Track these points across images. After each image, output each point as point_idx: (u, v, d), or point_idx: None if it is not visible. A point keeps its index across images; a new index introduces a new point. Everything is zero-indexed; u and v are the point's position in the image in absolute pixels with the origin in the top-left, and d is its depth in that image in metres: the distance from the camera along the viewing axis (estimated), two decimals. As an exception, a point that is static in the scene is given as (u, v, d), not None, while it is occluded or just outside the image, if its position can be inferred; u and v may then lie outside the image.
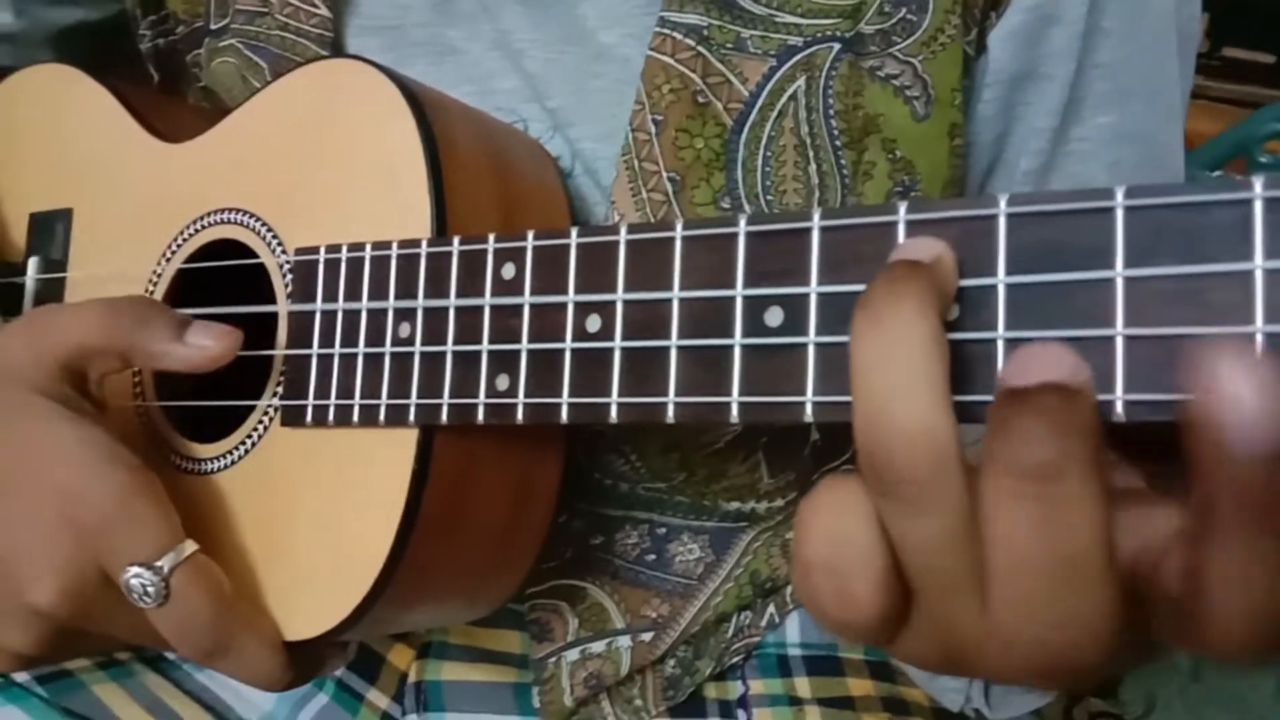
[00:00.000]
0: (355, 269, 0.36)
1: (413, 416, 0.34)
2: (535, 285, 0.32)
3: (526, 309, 0.32)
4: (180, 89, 0.53)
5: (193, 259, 0.43)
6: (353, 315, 0.36)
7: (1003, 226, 0.24)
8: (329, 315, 0.37)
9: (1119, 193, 0.23)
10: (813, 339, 0.26)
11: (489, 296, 0.33)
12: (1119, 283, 0.23)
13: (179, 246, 0.43)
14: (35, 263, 0.48)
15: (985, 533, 0.21)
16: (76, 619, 0.35)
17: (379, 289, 0.36)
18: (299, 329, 0.38)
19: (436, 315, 0.34)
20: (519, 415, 0.32)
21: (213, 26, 0.48)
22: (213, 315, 0.38)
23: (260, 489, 0.39)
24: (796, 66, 0.39)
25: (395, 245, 0.35)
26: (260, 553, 0.38)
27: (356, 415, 0.36)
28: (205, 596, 0.35)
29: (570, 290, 0.31)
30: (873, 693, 0.48)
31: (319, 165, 0.39)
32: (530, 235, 0.32)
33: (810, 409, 0.26)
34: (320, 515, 0.37)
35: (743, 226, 0.28)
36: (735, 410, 0.28)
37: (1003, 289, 0.24)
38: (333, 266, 0.37)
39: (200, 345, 0.36)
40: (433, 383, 0.34)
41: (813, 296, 0.27)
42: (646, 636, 0.46)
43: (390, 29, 0.45)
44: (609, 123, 0.41)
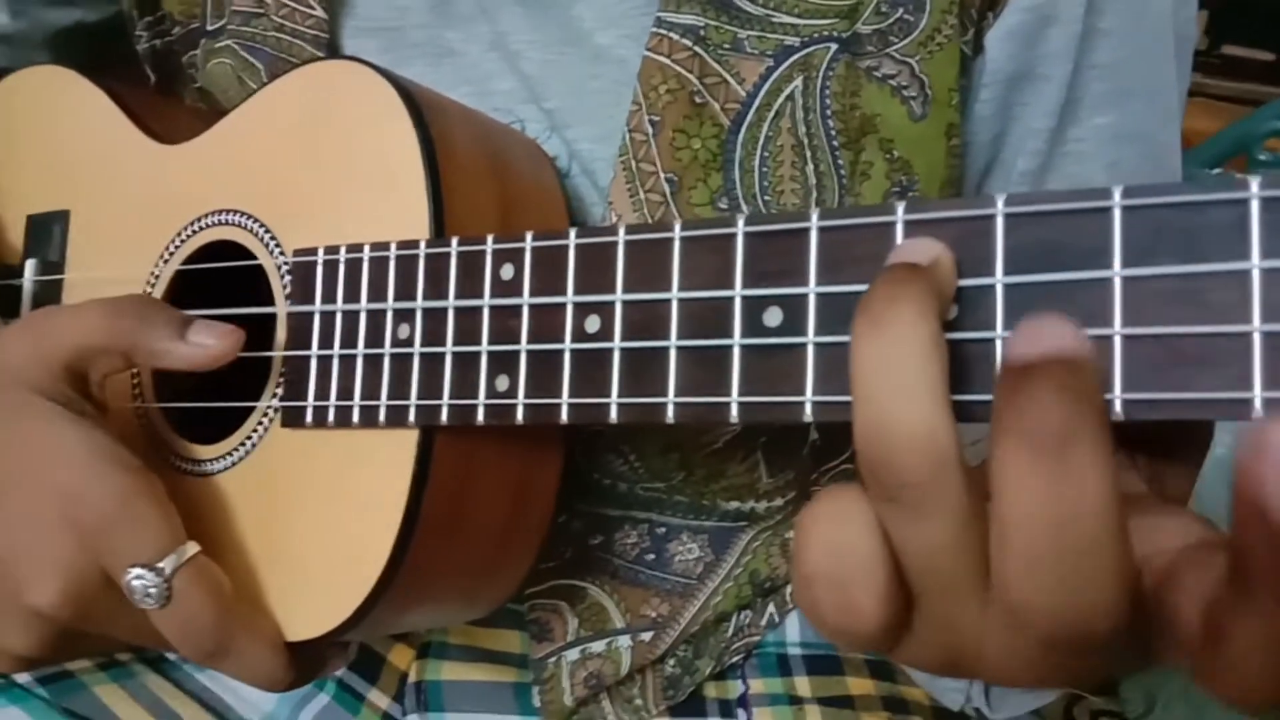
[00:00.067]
0: (354, 270, 0.36)
1: (412, 417, 0.34)
2: (534, 286, 0.32)
3: (525, 310, 0.32)
4: (177, 90, 0.53)
5: (190, 260, 0.43)
6: (351, 316, 0.36)
7: (1000, 226, 0.24)
8: (328, 316, 0.37)
9: (1116, 192, 0.23)
10: (811, 339, 0.26)
11: (488, 297, 0.33)
12: (1117, 282, 0.23)
13: (177, 248, 0.43)
14: (33, 265, 0.48)
15: (996, 504, 0.21)
16: (78, 620, 0.36)
17: (377, 290, 0.36)
18: (298, 330, 0.38)
19: (435, 316, 0.34)
20: (519, 416, 0.32)
21: (209, 27, 0.48)
22: (212, 317, 0.38)
23: (260, 490, 0.39)
24: (794, 67, 0.39)
25: (394, 246, 0.36)
26: (261, 554, 0.38)
27: (356, 416, 0.36)
28: (207, 598, 0.35)
29: (569, 291, 0.31)
30: (872, 692, 0.48)
31: (316, 167, 0.39)
32: (529, 236, 0.32)
33: (809, 409, 0.26)
34: (321, 516, 0.37)
35: (741, 227, 0.28)
36: (734, 410, 0.28)
37: (1001, 289, 0.24)
38: (331, 268, 0.37)
39: (203, 343, 0.36)
40: (432, 383, 0.34)
41: (811, 296, 0.27)
42: (646, 636, 0.46)
43: (388, 30, 0.45)
44: (606, 123, 0.41)
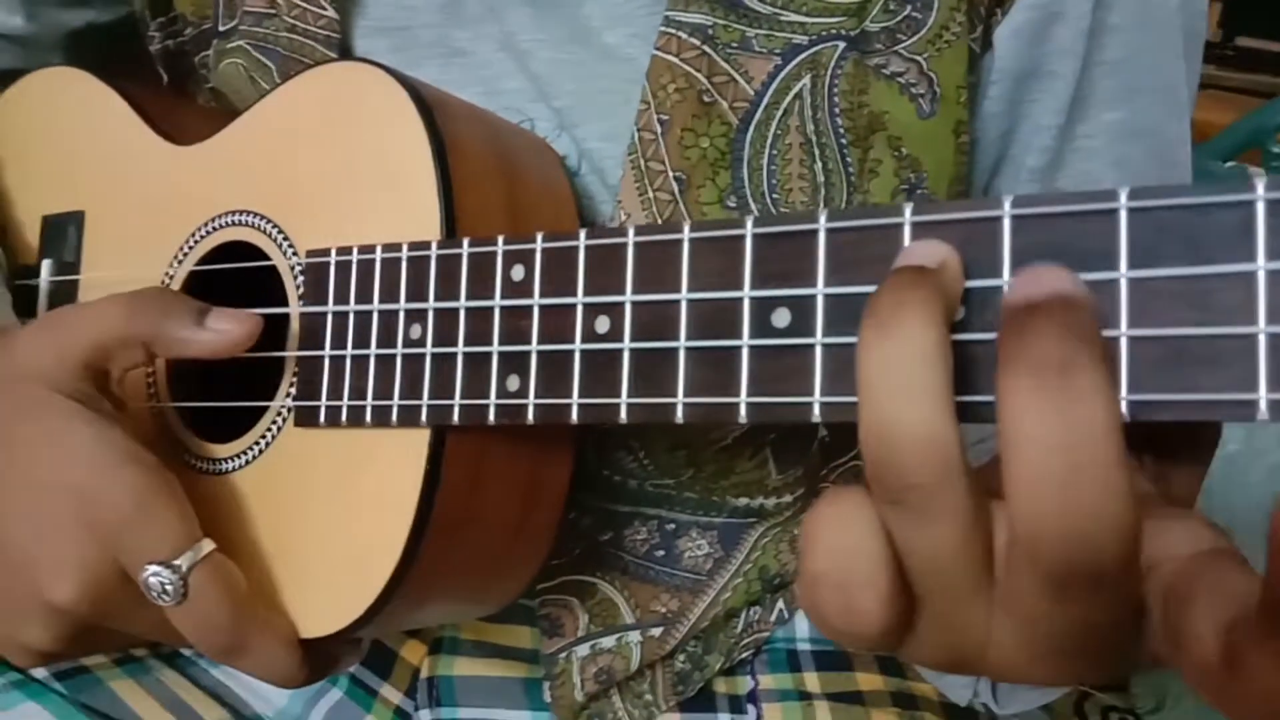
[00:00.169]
0: (366, 271, 0.37)
1: (424, 417, 0.35)
2: (544, 287, 0.32)
3: (536, 310, 0.32)
4: (190, 90, 0.53)
5: (204, 261, 0.43)
6: (364, 316, 0.37)
7: (1007, 228, 0.24)
8: (340, 316, 0.37)
9: (1122, 194, 0.23)
10: (820, 340, 0.27)
11: (499, 298, 0.33)
12: (1123, 283, 0.23)
13: (191, 248, 0.43)
14: (48, 265, 0.49)
15: (1002, 433, 0.21)
16: (95, 616, 0.36)
17: (390, 291, 0.36)
18: (311, 330, 0.38)
19: (447, 316, 0.35)
20: (529, 416, 0.32)
21: (221, 28, 0.49)
22: None
23: (274, 488, 0.39)
24: (802, 65, 0.40)
25: (405, 247, 0.36)
26: (275, 551, 0.39)
27: (369, 416, 0.36)
28: (223, 595, 0.35)
29: (579, 292, 0.32)
30: (882, 687, 0.48)
31: (329, 168, 0.39)
32: (539, 237, 0.33)
33: (818, 409, 0.26)
34: (334, 514, 0.37)
35: (750, 228, 0.28)
36: (743, 411, 0.28)
37: (1008, 290, 0.24)
38: (344, 268, 0.37)
39: (222, 329, 0.37)
40: (444, 384, 0.34)
41: (819, 298, 0.27)
42: (656, 632, 0.46)
43: (398, 30, 0.45)
44: (615, 122, 0.41)
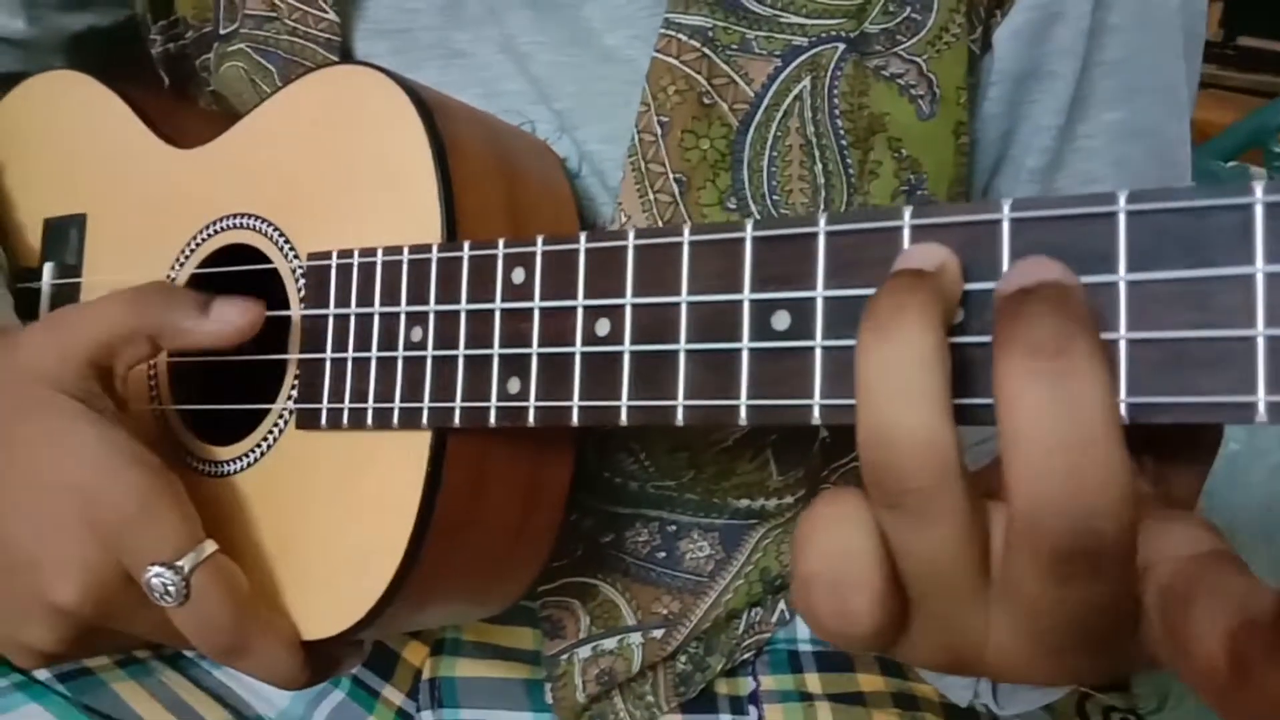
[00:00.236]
0: (367, 274, 0.37)
1: (426, 419, 0.35)
2: (545, 290, 0.32)
3: (536, 313, 0.33)
4: (191, 93, 0.53)
5: (206, 264, 0.43)
6: (365, 319, 0.37)
7: (1006, 230, 0.24)
8: (341, 319, 0.37)
9: (1121, 197, 0.23)
10: (819, 342, 0.27)
11: (499, 301, 0.33)
12: (1122, 286, 0.23)
13: (192, 251, 0.43)
14: (50, 268, 0.49)
15: (999, 415, 0.21)
16: (98, 617, 0.36)
17: (390, 293, 0.36)
18: (312, 333, 0.38)
19: (448, 319, 0.35)
20: (530, 418, 0.33)
21: (222, 31, 0.49)
22: None
23: (276, 491, 0.39)
24: (802, 67, 0.40)
25: (406, 250, 0.36)
26: (277, 553, 0.39)
27: (370, 418, 0.36)
28: (225, 596, 0.35)
29: (579, 294, 0.32)
30: (883, 688, 0.48)
31: (330, 170, 0.40)
32: (539, 240, 0.33)
33: (818, 412, 0.27)
34: (335, 516, 0.38)
35: (749, 231, 0.28)
36: (743, 413, 0.28)
37: (999, 282, 0.24)
38: (344, 271, 0.38)
39: (226, 319, 0.37)
40: (445, 386, 0.34)
41: (819, 300, 0.27)
42: (658, 633, 0.46)
43: (399, 33, 0.45)
44: (615, 124, 0.41)
